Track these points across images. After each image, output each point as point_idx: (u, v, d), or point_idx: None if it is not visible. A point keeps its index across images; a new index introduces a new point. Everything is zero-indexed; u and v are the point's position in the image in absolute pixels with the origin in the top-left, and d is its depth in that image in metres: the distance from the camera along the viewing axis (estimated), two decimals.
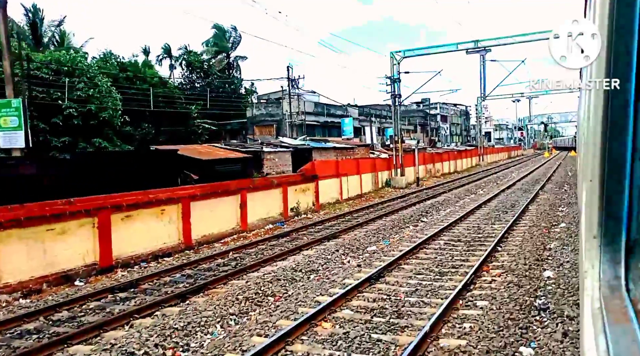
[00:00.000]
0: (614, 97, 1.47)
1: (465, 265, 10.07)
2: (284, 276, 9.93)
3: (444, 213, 19.10)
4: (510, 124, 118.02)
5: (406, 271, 9.85)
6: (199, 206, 14.37)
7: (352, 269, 10.35)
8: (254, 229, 16.71)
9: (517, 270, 9.36)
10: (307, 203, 20.73)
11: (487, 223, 15.50)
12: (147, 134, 30.46)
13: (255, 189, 16.95)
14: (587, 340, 1.39)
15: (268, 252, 12.62)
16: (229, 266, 11.17)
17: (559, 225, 14.45)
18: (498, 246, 11.81)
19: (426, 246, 12.37)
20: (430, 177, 38.64)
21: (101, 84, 25.94)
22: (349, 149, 27.04)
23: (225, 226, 15.51)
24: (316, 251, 12.42)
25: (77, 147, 23.39)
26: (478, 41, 27.61)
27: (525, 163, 57.75)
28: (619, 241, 1.51)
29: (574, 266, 9.51)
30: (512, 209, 18.28)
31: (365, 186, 27.34)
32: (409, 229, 15.78)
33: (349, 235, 14.73)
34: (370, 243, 13.60)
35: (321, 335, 6.66)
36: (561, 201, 20.30)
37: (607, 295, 1.46)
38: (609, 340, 1.27)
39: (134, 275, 10.55)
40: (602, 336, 1.30)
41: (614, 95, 1.46)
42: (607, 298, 1.45)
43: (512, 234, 13.39)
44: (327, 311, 7.46)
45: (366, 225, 16.62)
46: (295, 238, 14.69)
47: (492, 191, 26.07)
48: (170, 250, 13.19)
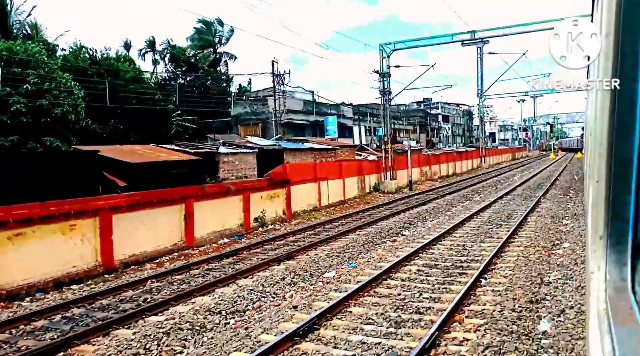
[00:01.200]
0: (620, 98, 1.49)
1: (433, 309, 7.55)
2: (193, 322, 7.46)
3: (430, 224, 16.59)
4: (516, 125, 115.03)
5: (353, 318, 7.34)
6: (126, 220, 11.93)
7: (287, 310, 7.86)
8: (203, 245, 14.26)
9: (501, 321, 6.83)
10: (275, 211, 18.26)
11: (475, 241, 12.96)
12: (115, 133, 28.06)
13: (205, 197, 14.48)
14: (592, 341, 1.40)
15: (197, 280, 10.15)
16: (134, 302, 8.69)
17: (562, 245, 11.89)
18: (482, 277, 9.28)
19: (394, 274, 9.85)
20: (426, 180, 36.06)
21: (59, 78, 23.59)
22: (330, 150, 24.48)
23: (163, 243, 13.05)
24: (256, 280, 9.93)
25: (25, 147, 21.02)
26: (474, 32, 25.01)
27: (530, 165, 54.95)
28: (625, 242, 1.52)
29: (580, 313, 6.99)
30: (508, 222, 15.73)
31: (349, 191, 24.82)
32: (384, 246, 13.29)
33: (308, 255, 12.25)
34: (331, 266, 11.13)
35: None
36: (565, 211, 17.71)
37: (613, 296, 1.48)
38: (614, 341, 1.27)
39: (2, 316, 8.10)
40: (608, 337, 1.31)
41: (621, 95, 1.49)
42: (613, 299, 1.47)
43: (503, 258, 10.85)
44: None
45: (335, 240, 14.15)
46: (243, 258, 12.22)
47: (489, 197, 23.50)
48: (82, 275, 10.75)
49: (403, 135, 62.98)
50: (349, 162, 25.46)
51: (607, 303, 1.46)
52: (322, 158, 23.76)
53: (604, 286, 1.52)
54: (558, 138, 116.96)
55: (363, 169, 26.47)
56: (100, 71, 30.42)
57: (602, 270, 1.55)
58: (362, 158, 28.42)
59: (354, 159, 27.22)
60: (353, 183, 25.43)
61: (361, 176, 26.31)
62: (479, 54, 25.69)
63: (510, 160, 72.64)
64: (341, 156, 25.99)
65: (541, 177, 35.90)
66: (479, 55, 25.65)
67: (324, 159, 23.95)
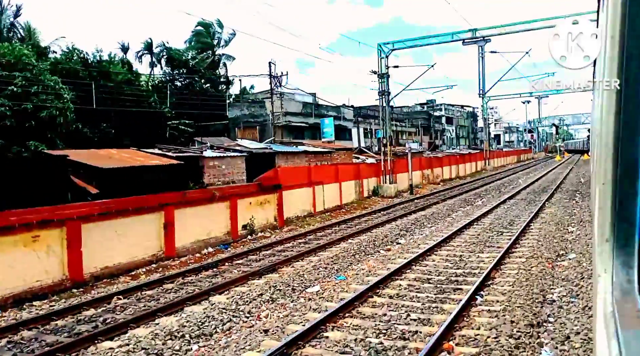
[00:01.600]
0: (626, 100, 1.47)
1: (421, 334, 6.68)
2: (149, 348, 6.63)
3: (428, 231, 15.73)
4: (521, 127, 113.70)
5: (329, 345, 6.48)
6: (98, 230, 11.14)
7: (258, 335, 7.02)
8: (185, 255, 13.45)
9: (496, 350, 5.97)
10: (266, 218, 17.43)
11: (474, 250, 12.08)
12: (107, 137, 27.34)
13: (187, 204, 13.67)
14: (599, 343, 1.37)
15: (168, 296, 9.33)
16: (92, 323, 7.85)
17: (567, 256, 10.99)
18: (478, 293, 8.41)
19: (382, 290, 9.00)
20: (428, 183, 35.13)
21: (47, 81, 22.93)
22: (325, 153, 23.61)
23: (140, 253, 12.25)
24: (232, 296, 9.09)
25: (10, 152, 20.34)
26: (476, 30, 24.11)
27: (535, 168, 53.87)
28: (632, 244, 1.49)
29: (587, 339, 6.11)
30: (510, 229, 14.83)
31: (346, 196, 23.95)
32: (377, 255, 12.45)
33: (293, 267, 11.41)
34: (317, 279, 10.29)
35: None
36: (571, 217, 16.77)
37: (620, 299, 1.44)
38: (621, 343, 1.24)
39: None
40: (615, 340, 1.28)
41: (627, 98, 1.46)
42: (620, 301, 1.43)
43: (502, 271, 9.97)
44: None
45: (325, 249, 13.31)
46: (223, 271, 11.38)
47: (492, 201, 22.57)
48: (47, 290, 9.96)
49: (406, 137, 62.07)
50: (346, 165, 24.58)
51: (614, 306, 1.44)
52: (317, 162, 22.91)
53: (610, 288, 1.50)
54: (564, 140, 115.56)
55: (361, 172, 25.59)
56: (93, 73, 29.73)
57: (608, 273, 1.53)
58: (360, 161, 27.54)
59: (351, 163, 26.35)
60: (350, 187, 24.56)
61: (359, 180, 25.43)
62: (480, 53, 24.76)
63: (515, 162, 71.49)
64: (337, 160, 25.12)
65: (546, 180, 34.90)
66: (481, 55, 24.73)
67: (320, 163, 23.10)
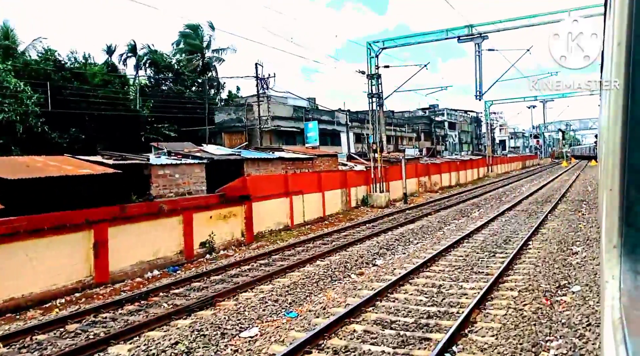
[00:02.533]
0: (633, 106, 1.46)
1: None
2: None
3: (412, 249, 13.75)
4: (527, 132, 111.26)
5: None
6: (1, 253, 9.24)
7: None
8: (123, 280, 11.51)
9: None
10: (231, 233, 15.47)
11: (458, 278, 10.05)
12: (76, 141, 25.57)
13: (127, 221, 11.74)
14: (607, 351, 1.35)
15: (59, 344, 7.37)
16: None
17: (570, 288, 8.92)
18: (455, 345, 6.39)
19: (327, 340, 6.99)
20: (425, 192, 33.11)
21: (6, 83, 21.23)
22: (305, 160, 21.63)
23: (60, 280, 10.31)
24: (138, 347, 7.11)
25: None
26: (472, 26, 22.15)
27: (540, 174, 51.61)
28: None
29: None
30: (504, 249, 12.79)
31: (331, 206, 21.97)
32: (345, 282, 10.49)
33: (236, 300, 9.44)
34: (260, 317, 8.34)
35: None
36: (576, 233, 14.68)
37: (628, 305, 1.43)
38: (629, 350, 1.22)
39: None
40: (623, 347, 1.26)
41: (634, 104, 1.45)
42: (628, 308, 1.42)
43: (487, 310, 7.94)
44: None
45: (284, 274, 11.35)
46: (151, 304, 9.41)
47: (489, 213, 20.53)
48: None
49: (406, 143, 60.01)
50: (330, 173, 22.59)
51: (622, 312, 1.43)
52: (296, 169, 20.94)
53: (618, 295, 1.49)
54: (571, 145, 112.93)
55: (348, 180, 23.61)
56: (66, 75, 28.05)
57: (616, 279, 1.53)
58: (347, 168, 25.57)
59: (337, 170, 24.36)
60: (336, 197, 22.58)
61: (346, 189, 23.44)
62: (477, 51, 22.78)
63: (520, 168, 69.23)
64: (320, 167, 23.14)
65: (551, 188, 32.74)
66: (478, 53, 22.74)
67: (299, 171, 21.13)
